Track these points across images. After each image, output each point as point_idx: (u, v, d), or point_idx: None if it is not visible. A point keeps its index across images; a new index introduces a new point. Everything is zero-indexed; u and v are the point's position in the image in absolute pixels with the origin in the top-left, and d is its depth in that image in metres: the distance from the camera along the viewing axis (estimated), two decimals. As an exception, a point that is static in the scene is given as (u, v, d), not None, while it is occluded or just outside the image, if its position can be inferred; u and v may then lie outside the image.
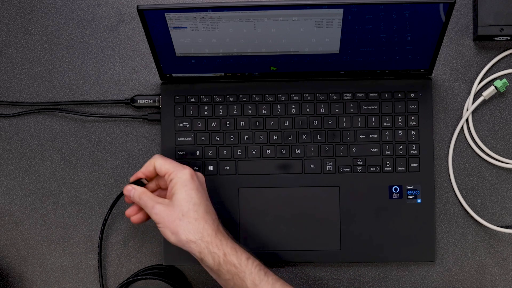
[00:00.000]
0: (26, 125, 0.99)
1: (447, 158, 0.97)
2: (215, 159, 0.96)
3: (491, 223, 0.96)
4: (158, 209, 0.84)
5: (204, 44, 0.88)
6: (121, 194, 0.89)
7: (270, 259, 0.95)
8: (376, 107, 0.96)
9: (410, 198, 0.95)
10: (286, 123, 0.96)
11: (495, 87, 0.96)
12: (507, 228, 0.96)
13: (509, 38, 0.97)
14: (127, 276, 0.97)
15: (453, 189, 0.97)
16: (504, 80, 0.96)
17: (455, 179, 0.97)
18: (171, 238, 0.84)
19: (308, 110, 0.96)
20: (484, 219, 0.96)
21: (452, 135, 0.97)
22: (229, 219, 0.95)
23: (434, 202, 0.95)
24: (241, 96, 0.97)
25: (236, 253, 0.83)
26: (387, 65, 0.93)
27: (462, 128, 0.98)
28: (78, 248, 0.98)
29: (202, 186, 0.87)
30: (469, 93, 0.98)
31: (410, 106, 0.96)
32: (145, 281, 0.96)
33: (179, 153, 0.96)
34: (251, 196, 0.95)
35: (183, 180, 0.84)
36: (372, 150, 0.96)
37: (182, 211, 0.83)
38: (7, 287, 0.97)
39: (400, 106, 0.96)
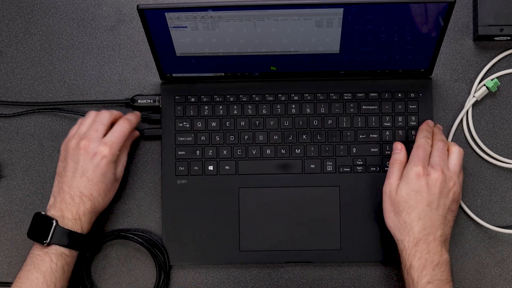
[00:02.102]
0: (26, 125, 0.99)
1: (447, 158, 0.97)
2: (215, 159, 0.96)
3: (490, 224, 0.96)
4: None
5: (204, 44, 0.88)
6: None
7: (270, 259, 0.95)
8: (376, 107, 0.96)
9: (410, 198, 0.95)
10: (286, 123, 0.96)
11: (486, 87, 0.96)
12: (507, 228, 0.96)
13: (509, 38, 0.97)
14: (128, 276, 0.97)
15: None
16: (495, 80, 0.96)
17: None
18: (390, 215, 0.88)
19: (308, 110, 0.96)
20: (484, 220, 0.96)
21: (449, 136, 0.97)
22: (229, 219, 0.95)
23: (434, 202, 0.95)
24: (241, 96, 0.97)
25: (421, 272, 0.83)
26: (387, 65, 0.93)
27: (462, 128, 0.98)
28: (78, 248, 0.98)
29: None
30: (469, 93, 0.98)
31: (410, 106, 0.96)
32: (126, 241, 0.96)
33: (179, 153, 0.96)
34: (251, 196, 0.95)
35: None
36: (372, 150, 0.96)
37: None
38: (7, 287, 0.97)
39: (400, 106, 0.96)
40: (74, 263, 0.89)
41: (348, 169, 0.96)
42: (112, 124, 0.93)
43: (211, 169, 0.96)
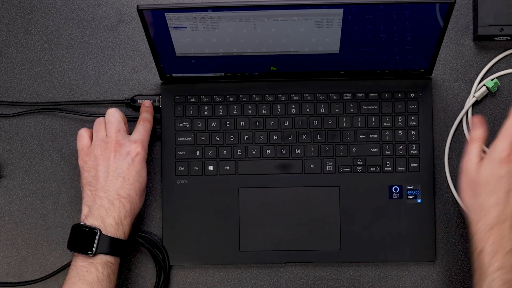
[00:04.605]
0: (26, 125, 0.99)
1: (446, 158, 0.97)
2: (215, 159, 0.96)
3: (491, 223, 0.96)
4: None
5: (204, 44, 0.88)
6: None
7: (270, 259, 0.95)
8: (376, 107, 0.96)
9: (410, 198, 0.95)
10: (286, 123, 0.96)
11: (486, 87, 0.96)
12: (507, 228, 0.96)
13: (509, 38, 0.97)
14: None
15: (450, 189, 0.97)
16: (495, 80, 0.96)
17: (451, 179, 0.96)
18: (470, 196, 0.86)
19: (308, 110, 0.96)
20: (484, 219, 0.96)
21: (448, 135, 0.97)
22: (229, 219, 0.95)
23: (434, 202, 0.95)
24: (241, 96, 0.97)
25: (493, 257, 0.81)
26: (387, 65, 0.93)
27: (462, 128, 0.98)
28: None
29: None
30: (469, 93, 0.98)
31: (410, 106, 0.96)
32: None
33: (179, 153, 0.96)
34: (251, 196, 0.95)
35: None
36: (372, 150, 0.96)
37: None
38: (7, 287, 0.97)
39: (400, 106, 0.96)
40: (118, 270, 0.89)
41: (348, 169, 0.96)
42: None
43: (211, 169, 0.96)
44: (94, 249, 0.85)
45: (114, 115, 0.92)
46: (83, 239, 0.86)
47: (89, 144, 0.92)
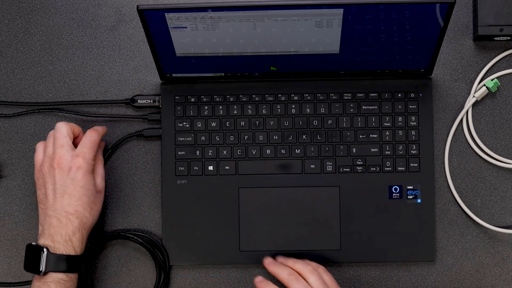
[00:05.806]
0: (26, 125, 0.99)
1: (446, 158, 0.97)
2: (215, 159, 0.96)
3: (490, 224, 0.96)
4: None
5: (204, 44, 0.88)
6: None
7: (270, 259, 0.95)
8: (376, 107, 0.96)
9: (410, 198, 0.95)
10: (286, 123, 0.96)
11: (486, 87, 0.96)
12: (507, 228, 0.96)
13: (509, 38, 0.97)
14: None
15: (450, 189, 0.97)
16: (495, 80, 0.96)
17: (451, 179, 0.97)
18: None
19: (308, 110, 0.96)
20: (484, 219, 0.96)
21: (448, 136, 0.97)
22: (229, 219, 0.95)
23: (434, 202, 0.95)
24: (241, 96, 0.97)
25: None
26: (387, 65, 0.93)
27: (462, 128, 0.98)
28: (78, 248, 0.98)
29: None
30: (469, 93, 0.98)
31: (410, 106, 0.96)
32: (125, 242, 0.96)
33: (179, 153, 0.96)
34: (251, 196, 0.95)
35: None
36: (372, 150, 0.96)
37: None
38: (7, 287, 0.97)
39: (400, 106, 0.96)
40: (76, 285, 0.88)
41: (348, 169, 0.96)
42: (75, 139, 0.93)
43: (211, 169, 0.96)
44: (42, 268, 0.84)
45: (59, 130, 0.90)
46: (34, 259, 0.85)
47: (42, 160, 0.91)
